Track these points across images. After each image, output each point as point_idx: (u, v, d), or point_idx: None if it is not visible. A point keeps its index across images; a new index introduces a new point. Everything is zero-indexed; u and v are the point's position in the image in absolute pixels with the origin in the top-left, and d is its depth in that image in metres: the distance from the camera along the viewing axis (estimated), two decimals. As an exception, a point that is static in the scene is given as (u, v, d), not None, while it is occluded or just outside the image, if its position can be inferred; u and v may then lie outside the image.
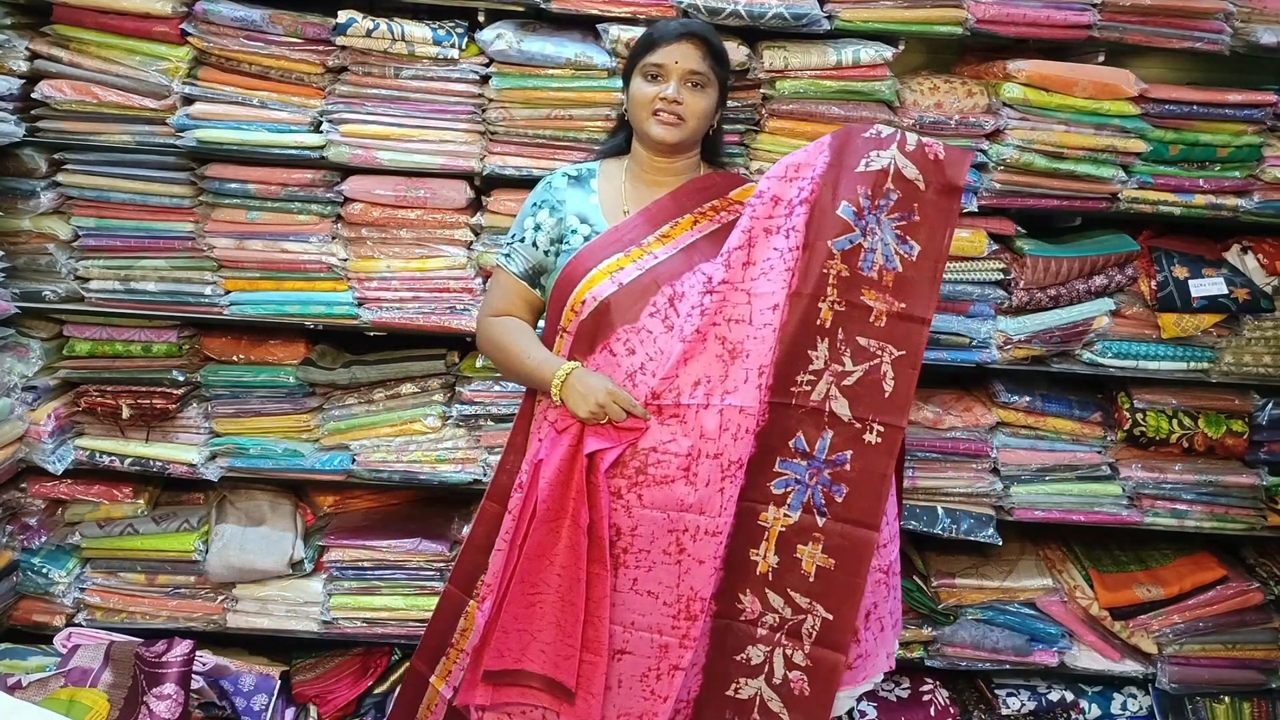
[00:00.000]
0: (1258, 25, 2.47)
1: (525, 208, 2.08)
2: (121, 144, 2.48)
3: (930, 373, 2.72)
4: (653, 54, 1.94)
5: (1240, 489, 2.72)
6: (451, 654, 2.13)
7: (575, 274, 1.97)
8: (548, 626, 1.91)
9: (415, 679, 2.19)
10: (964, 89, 2.50)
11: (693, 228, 2.01)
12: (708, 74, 1.95)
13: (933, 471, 2.70)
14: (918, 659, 2.80)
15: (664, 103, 1.93)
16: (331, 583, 2.72)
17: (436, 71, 2.45)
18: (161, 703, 2.25)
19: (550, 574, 1.91)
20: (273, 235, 2.54)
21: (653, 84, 1.95)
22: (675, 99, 1.92)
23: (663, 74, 1.94)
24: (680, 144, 1.98)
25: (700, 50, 1.94)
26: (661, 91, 1.93)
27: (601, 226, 2.00)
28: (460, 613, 2.12)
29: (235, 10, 2.39)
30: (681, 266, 1.95)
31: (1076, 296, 2.59)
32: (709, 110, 1.98)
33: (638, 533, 1.90)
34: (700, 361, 1.89)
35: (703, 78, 1.94)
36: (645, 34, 1.99)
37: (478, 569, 2.08)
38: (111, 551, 2.71)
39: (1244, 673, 2.79)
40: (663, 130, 1.95)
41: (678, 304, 1.92)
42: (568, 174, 2.09)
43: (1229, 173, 2.56)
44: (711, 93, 1.97)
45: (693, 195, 2.04)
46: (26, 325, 2.62)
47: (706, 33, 1.97)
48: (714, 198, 2.05)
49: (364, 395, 2.67)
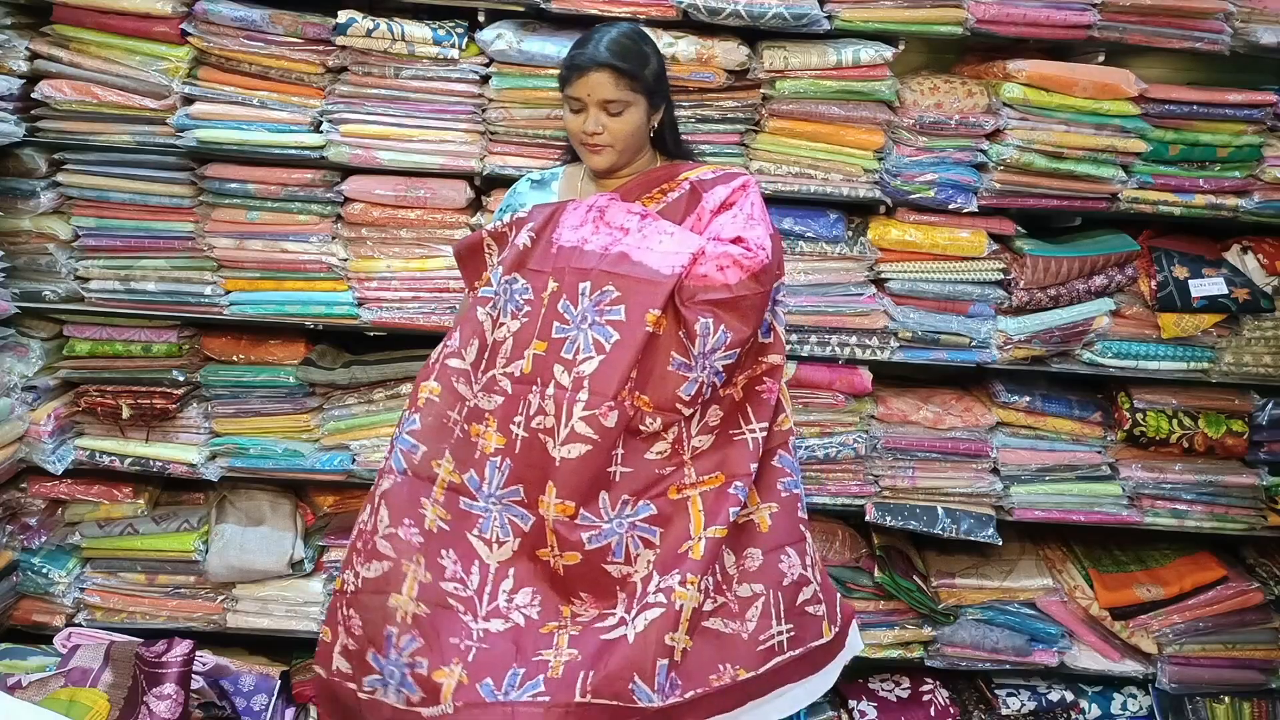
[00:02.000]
0: (1258, 25, 2.47)
1: (496, 213, 2.15)
2: (121, 144, 2.48)
3: (930, 373, 2.74)
4: (569, 87, 1.97)
5: (1240, 489, 2.72)
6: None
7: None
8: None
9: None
10: (964, 89, 2.50)
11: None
12: (624, 97, 1.95)
13: (933, 471, 2.70)
14: (918, 659, 2.80)
15: (586, 135, 1.97)
16: (331, 583, 2.72)
17: (436, 71, 2.45)
18: (161, 703, 2.25)
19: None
20: (273, 235, 2.55)
21: (576, 116, 1.98)
22: (595, 131, 1.96)
23: (581, 106, 1.97)
24: (615, 164, 2.02)
25: (612, 78, 1.93)
26: (584, 125, 1.96)
27: None
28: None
29: (235, 10, 2.39)
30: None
31: (1076, 296, 2.59)
32: (635, 126, 1.98)
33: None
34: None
35: (619, 104, 1.95)
36: (563, 65, 2.00)
37: None
38: (111, 551, 2.71)
39: (1244, 673, 2.79)
40: (594, 158, 2.00)
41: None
42: (531, 178, 2.17)
43: (1229, 173, 2.56)
44: (635, 110, 1.97)
45: (638, 189, 2.05)
46: (26, 325, 2.62)
47: (615, 60, 1.93)
48: (662, 183, 2.05)
49: (364, 395, 2.67)
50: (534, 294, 1.88)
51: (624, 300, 1.83)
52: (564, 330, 1.84)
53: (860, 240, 2.57)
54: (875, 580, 2.73)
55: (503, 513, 1.86)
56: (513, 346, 1.87)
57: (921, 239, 2.55)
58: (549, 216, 1.96)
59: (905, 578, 2.72)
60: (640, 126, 2.00)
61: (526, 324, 1.87)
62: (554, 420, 1.81)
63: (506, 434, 1.85)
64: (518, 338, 1.87)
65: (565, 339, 1.84)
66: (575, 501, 1.81)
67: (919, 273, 2.58)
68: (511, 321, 1.88)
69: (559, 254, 1.90)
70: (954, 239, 2.55)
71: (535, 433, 1.82)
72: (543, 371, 1.83)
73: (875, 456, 2.69)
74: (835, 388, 2.61)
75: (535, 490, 1.83)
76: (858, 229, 2.60)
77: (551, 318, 1.85)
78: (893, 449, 2.68)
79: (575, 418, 1.80)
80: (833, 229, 2.54)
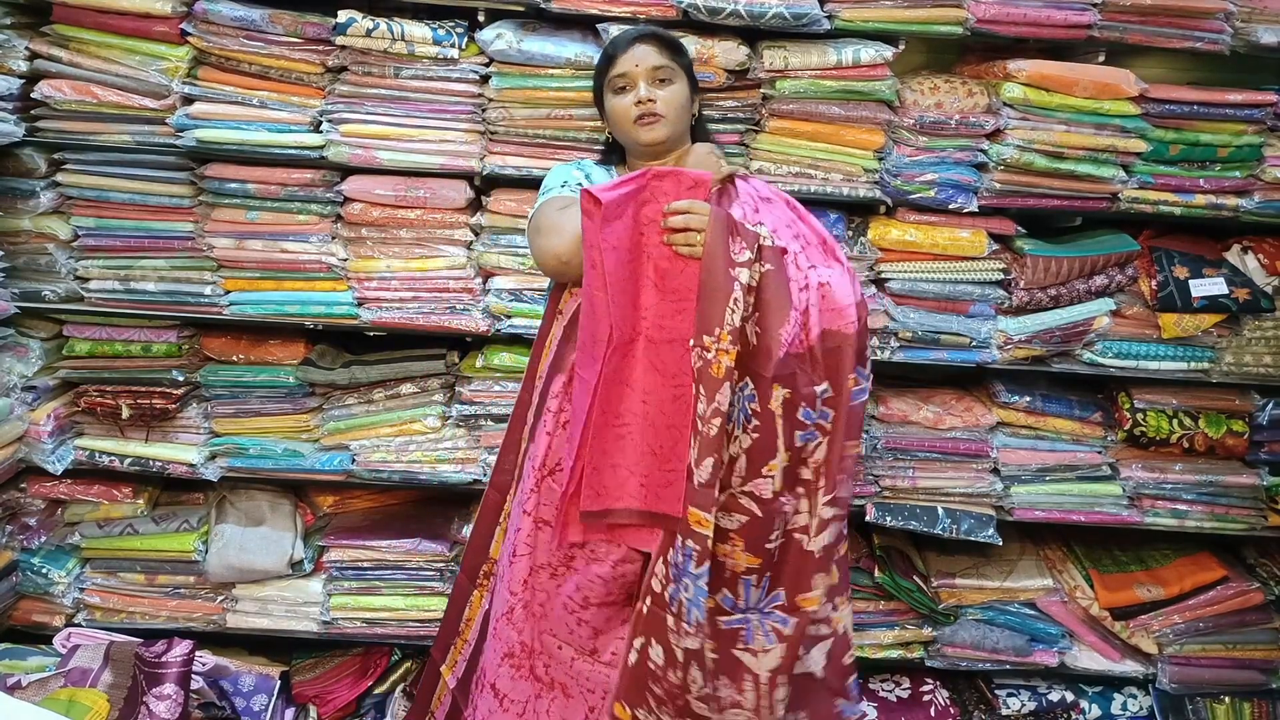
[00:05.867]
0: (1258, 25, 2.47)
1: (560, 171, 2.05)
2: (121, 144, 2.48)
3: (930, 373, 2.74)
4: (614, 66, 1.97)
5: (1240, 489, 2.72)
6: (458, 643, 2.16)
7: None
8: (643, 457, 1.84)
9: (431, 669, 2.23)
10: (964, 89, 2.50)
11: None
12: (671, 66, 1.98)
13: (933, 471, 2.70)
14: (918, 659, 2.80)
15: (640, 107, 1.95)
16: (331, 583, 2.72)
17: (436, 71, 2.45)
18: (161, 703, 2.24)
19: (634, 401, 1.83)
20: (273, 235, 2.54)
21: (624, 95, 1.98)
22: (649, 98, 1.95)
23: (629, 81, 1.97)
24: (670, 138, 1.99)
25: (656, 47, 1.97)
26: (635, 97, 1.96)
27: None
28: (466, 601, 2.15)
29: (235, 10, 2.39)
30: None
31: (1077, 296, 2.59)
32: (684, 100, 2.00)
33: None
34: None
35: (667, 70, 1.97)
36: (603, 54, 2.02)
37: (482, 558, 2.12)
38: (111, 551, 2.71)
39: (1244, 673, 2.79)
40: (649, 133, 1.97)
41: None
42: (581, 165, 2.09)
43: (1229, 173, 2.56)
44: (680, 84, 1.99)
45: None
46: (26, 325, 2.62)
47: (657, 31, 2.01)
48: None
49: (364, 395, 2.66)
50: (760, 404, 1.79)
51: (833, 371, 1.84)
52: (804, 437, 1.83)
53: (860, 240, 2.57)
54: (875, 580, 2.73)
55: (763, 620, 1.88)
56: (747, 465, 1.82)
57: (921, 239, 2.55)
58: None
59: (905, 578, 2.72)
60: (686, 104, 2.00)
61: (759, 440, 1.80)
62: (806, 518, 1.86)
63: (760, 553, 1.84)
64: (751, 455, 1.81)
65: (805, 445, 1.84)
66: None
67: (919, 273, 2.58)
68: (744, 436, 1.80)
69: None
70: (954, 239, 2.55)
71: (790, 534, 1.86)
72: (792, 485, 1.85)
73: (875, 457, 2.69)
74: (836, 388, 2.61)
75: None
76: (858, 229, 2.60)
77: (791, 429, 1.81)
78: (893, 449, 2.68)
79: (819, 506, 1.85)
80: (833, 229, 2.54)
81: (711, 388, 1.73)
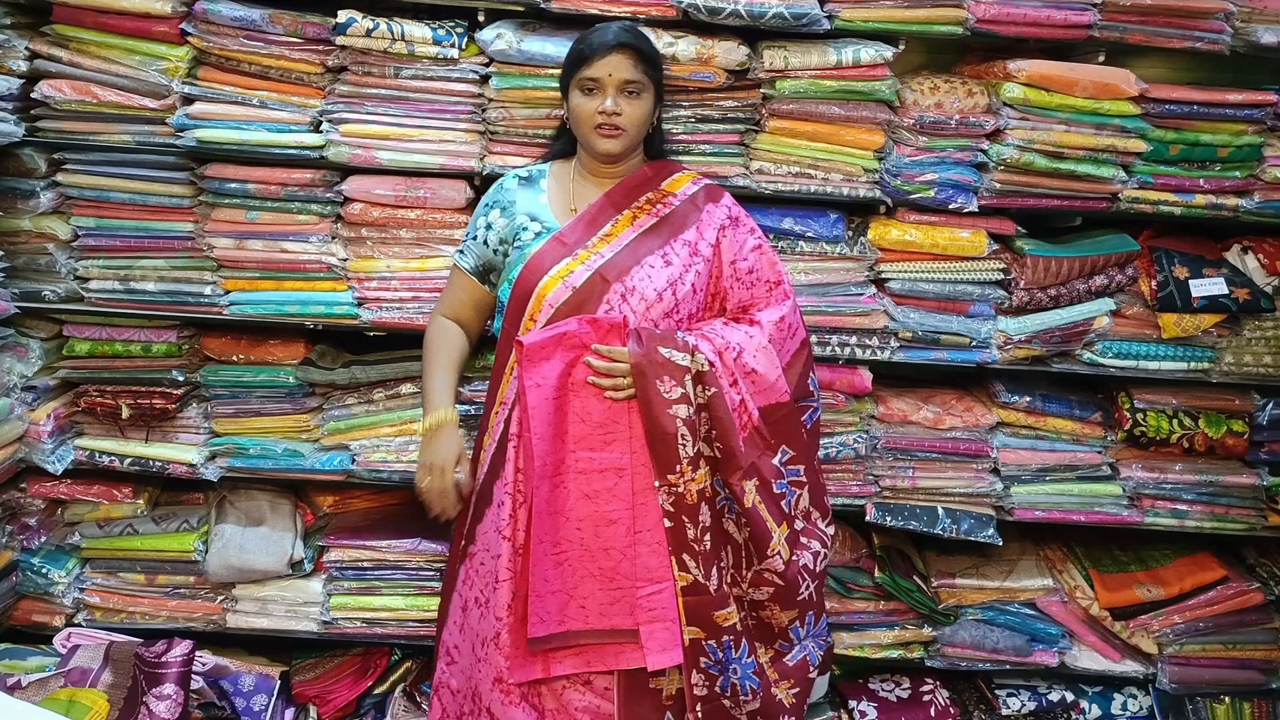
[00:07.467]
0: (1258, 25, 2.47)
1: (479, 208, 2.19)
2: (121, 144, 2.48)
3: (930, 373, 2.74)
4: (587, 68, 1.98)
5: (1240, 489, 2.72)
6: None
7: (530, 282, 2.02)
8: (583, 581, 1.93)
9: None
10: (964, 89, 2.50)
11: (632, 224, 2.07)
12: (642, 81, 1.99)
13: (933, 471, 2.70)
14: (918, 659, 2.80)
15: (604, 116, 1.97)
16: (331, 583, 2.72)
17: (436, 71, 2.45)
18: (161, 703, 2.24)
19: (569, 529, 1.93)
20: (273, 235, 2.54)
21: (590, 98, 1.99)
22: (614, 111, 1.96)
23: (598, 87, 1.97)
24: (625, 151, 2.04)
25: (632, 59, 1.97)
26: (600, 105, 1.96)
27: (552, 224, 2.07)
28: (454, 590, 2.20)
29: (235, 10, 2.39)
30: (628, 262, 2.01)
31: (1077, 296, 2.59)
32: (646, 115, 2.03)
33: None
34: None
35: (638, 85, 1.98)
36: (576, 47, 2.02)
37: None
38: (111, 552, 2.70)
39: (1244, 673, 2.79)
40: (606, 144, 2.00)
41: (630, 299, 1.98)
42: (519, 175, 2.18)
43: (1229, 173, 2.56)
44: (647, 98, 2.01)
45: (626, 193, 2.10)
46: (26, 325, 2.62)
47: (636, 41, 2.00)
48: (647, 191, 2.10)
49: (364, 395, 2.66)
50: (739, 504, 1.99)
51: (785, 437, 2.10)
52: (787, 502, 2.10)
53: (860, 240, 2.57)
54: (875, 580, 2.73)
55: None
56: (755, 551, 2.04)
57: (921, 239, 2.55)
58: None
59: (905, 578, 2.72)
60: (648, 117, 2.03)
61: (753, 532, 2.02)
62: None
63: (795, 605, 2.10)
64: (752, 545, 2.04)
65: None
66: None
67: (919, 273, 2.58)
68: (738, 532, 2.04)
69: None
70: (954, 239, 2.55)
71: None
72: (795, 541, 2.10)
73: (875, 456, 2.69)
74: (835, 388, 2.61)
75: None
76: (858, 229, 2.60)
77: (774, 505, 2.04)
78: (893, 449, 2.68)
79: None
80: (833, 229, 2.54)
81: (692, 514, 1.91)
